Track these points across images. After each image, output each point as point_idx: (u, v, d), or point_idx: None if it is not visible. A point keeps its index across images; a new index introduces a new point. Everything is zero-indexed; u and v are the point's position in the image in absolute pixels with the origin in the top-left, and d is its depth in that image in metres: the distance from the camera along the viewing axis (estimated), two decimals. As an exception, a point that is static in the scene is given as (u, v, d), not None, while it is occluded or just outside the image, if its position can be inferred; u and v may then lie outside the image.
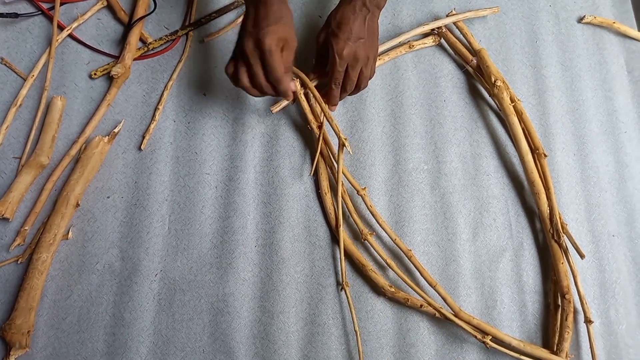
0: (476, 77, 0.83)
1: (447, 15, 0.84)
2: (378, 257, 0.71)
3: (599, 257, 0.76)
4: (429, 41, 0.84)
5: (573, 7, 0.90)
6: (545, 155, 0.75)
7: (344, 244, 0.71)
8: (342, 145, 0.71)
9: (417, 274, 0.70)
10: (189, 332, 0.69)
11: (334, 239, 0.73)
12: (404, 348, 0.70)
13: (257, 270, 0.72)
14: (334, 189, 0.75)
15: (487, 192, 0.78)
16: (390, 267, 0.69)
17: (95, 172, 0.74)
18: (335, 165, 0.73)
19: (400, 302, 0.70)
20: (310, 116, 0.75)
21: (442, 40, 0.85)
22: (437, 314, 0.68)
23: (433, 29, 0.84)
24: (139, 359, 0.67)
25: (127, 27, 0.80)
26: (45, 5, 0.81)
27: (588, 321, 0.68)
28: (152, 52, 0.81)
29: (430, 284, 0.69)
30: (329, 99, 0.73)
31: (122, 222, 0.73)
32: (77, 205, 0.71)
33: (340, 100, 0.75)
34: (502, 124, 0.82)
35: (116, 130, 0.76)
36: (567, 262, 0.71)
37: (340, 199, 0.71)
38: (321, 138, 0.74)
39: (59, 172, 0.73)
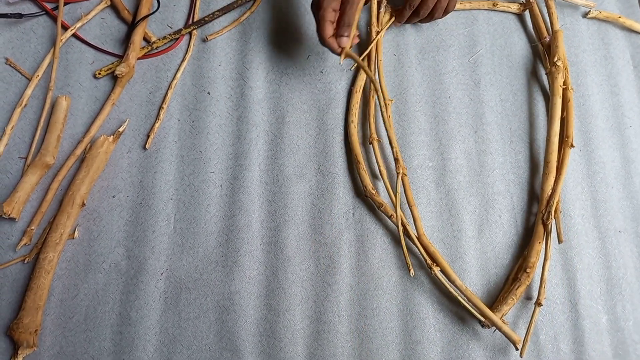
0: (543, 55, 0.85)
1: None
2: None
3: (606, 253, 0.76)
4: (514, 7, 0.88)
5: (578, 1, 0.90)
6: (572, 146, 0.76)
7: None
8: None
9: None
10: (195, 331, 0.69)
11: (339, 236, 0.73)
12: (410, 345, 0.70)
13: (262, 268, 0.72)
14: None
15: (492, 189, 0.78)
16: (382, 179, 0.73)
17: (101, 172, 0.74)
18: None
19: (375, 205, 0.74)
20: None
21: (526, 13, 0.88)
22: (402, 230, 0.71)
23: None
24: (146, 357, 0.67)
25: (131, 26, 0.80)
26: (49, 6, 0.81)
27: (538, 303, 0.68)
28: (155, 51, 0.81)
29: (408, 203, 0.72)
30: (397, 15, 0.79)
31: (127, 221, 0.73)
32: (83, 204, 0.71)
33: (411, 22, 0.80)
34: (507, 120, 0.82)
35: (121, 129, 0.76)
36: (544, 244, 0.71)
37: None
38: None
39: (64, 171, 0.73)
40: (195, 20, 0.84)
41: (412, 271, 0.69)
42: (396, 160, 0.73)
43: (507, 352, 0.70)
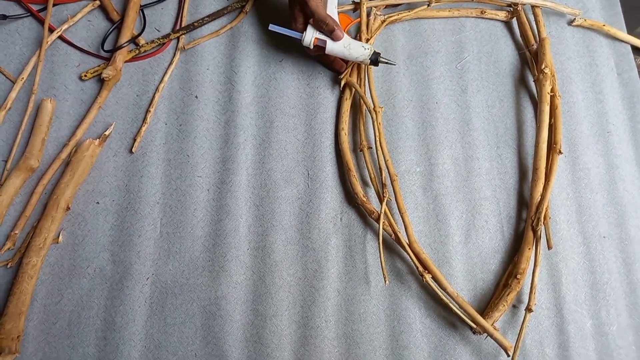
0: (530, 62, 0.85)
1: None
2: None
3: (590, 258, 0.77)
4: (501, 15, 0.89)
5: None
6: (560, 152, 0.76)
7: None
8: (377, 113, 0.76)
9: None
10: (181, 336, 0.68)
11: (327, 241, 0.73)
12: (397, 350, 0.70)
13: (249, 273, 0.72)
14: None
15: (479, 194, 0.78)
16: (373, 185, 0.74)
17: (86, 175, 0.73)
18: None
19: (366, 212, 0.74)
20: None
21: (513, 20, 0.90)
22: (393, 236, 0.71)
23: (510, 4, 0.88)
24: (131, 363, 0.67)
25: (115, 48, 0.79)
26: (34, 7, 0.80)
27: (528, 309, 0.69)
28: (143, 54, 0.81)
29: (399, 210, 0.72)
30: None
31: (113, 226, 0.72)
32: (68, 208, 0.71)
33: None
34: (494, 126, 0.82)
35: (107, 132, 0.75)
36: (534, 250, 0.72)
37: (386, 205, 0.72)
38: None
39: (49, 175, 0.72)
40: (183, 24, 0.83)
41: (387, 281, 0.69)
42: (383, 169, 0.73)
43: (494, 357, 0.70)
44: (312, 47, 0.74)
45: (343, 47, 0.74)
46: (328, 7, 0.75)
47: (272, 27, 0.76)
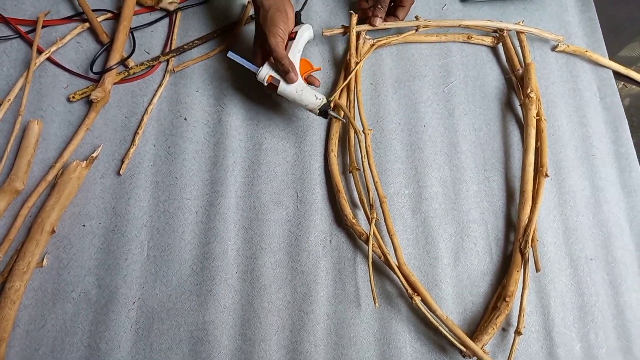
0: (516, 87, 0.87)
1: (515, 23, 0.89)
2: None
3: (578, 280, 0.77)
4: (488, 41, 0.91)
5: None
6: (546, 175, 0.77)
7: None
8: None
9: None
10: (167, 362, 0.67)
11: (316, 264, 0.73)
12: (387, 375, 0.69)
13: (238, 297, 0.71)
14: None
15: (467, 217, 0.79)
16: (362, 207, 0.74)
17: (72, 198, 0.72)
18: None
19: (356, 234, 0.74)
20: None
21: (499, 46, 0.92)
22: (382, 258, 0.71)
23: (496, 30, 0.90)
24: (115, 391, 0.65)
25: (104, 70, 0.79)
26: (23, 29, 0.80)
27: (517, 332, 0.69)
28: (132, 76, 0.81)
29: (388, 232, 0.72)
30: (371, 19, 0.84)
31: (99, 249, 0.71)
32: (53, 231, 0.69)
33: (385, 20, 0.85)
34: (481, 149, 0.83)
35: (94, 154, 0.75)
36: (522, 272, 0.72)
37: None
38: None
39: (34, 197, 0.71)
40: (172, 47, 0.83)
41: (377, 304, 0.69)
42: (372, 191, 0.73)
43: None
44: (265, 83, 0.73)
45: (295, 91, 0.73)
46: (290, 50, 0.74)
47: (231, 55, 0.74)
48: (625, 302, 0.76)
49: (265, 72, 0.73)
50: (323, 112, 0.73)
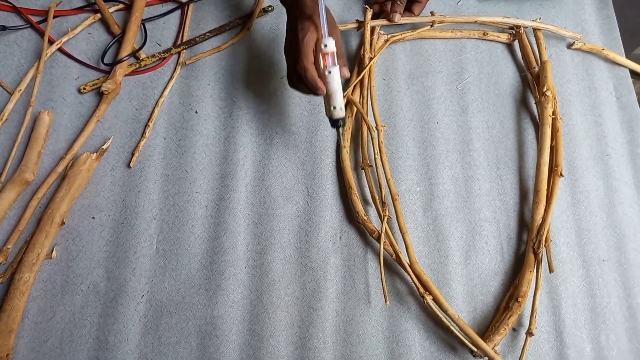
0: (531, 85, 0.86)
1: (532, 20, 0.88)
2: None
3: (590, 282, 0.76)
4: (504, 37, 0.89)
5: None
6: (561, 175, 0.76)
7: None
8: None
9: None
10: (175, 356, 0.67)
11: (326, 261, 0.72)
12: (396, 373, 0.69)
13: (247, 292, 0.71)
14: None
15: (479, 215, 0.78)
16: (375, 204, 0.73)
17: (82, 190, 0.72)
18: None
19: (367, 231, 0.73)
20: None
21: (515, 43, 0.90)
22: (393, 256, 0.70)
23: (512, 27, 0.89)
24: (123, 383, 0.65)
25: (116, 61, 0.78)
26: (34, 19, 0.80)
27: (529, 333, 0.68)
28: (143, 68, 0.80)
29: (400, 230, 0.72)
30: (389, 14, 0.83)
31: (108, 241, 0.71)
32: (63, 223, 0.69)
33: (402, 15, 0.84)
34: (494, 147, 0.82)
35: (105, 146, 0.74)
36: (535, 273, 0.71)
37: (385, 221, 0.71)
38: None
39: (44, 189, 0.71)
40: (184, 39, 0.83)
41: (388, 302, 0.68)
42: (384, 188, 0.72)
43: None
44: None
45: (337, 88, 0.66)
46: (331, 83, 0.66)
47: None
48: (637, 304, 0.75)
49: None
50: (334, 121, 0.69)
